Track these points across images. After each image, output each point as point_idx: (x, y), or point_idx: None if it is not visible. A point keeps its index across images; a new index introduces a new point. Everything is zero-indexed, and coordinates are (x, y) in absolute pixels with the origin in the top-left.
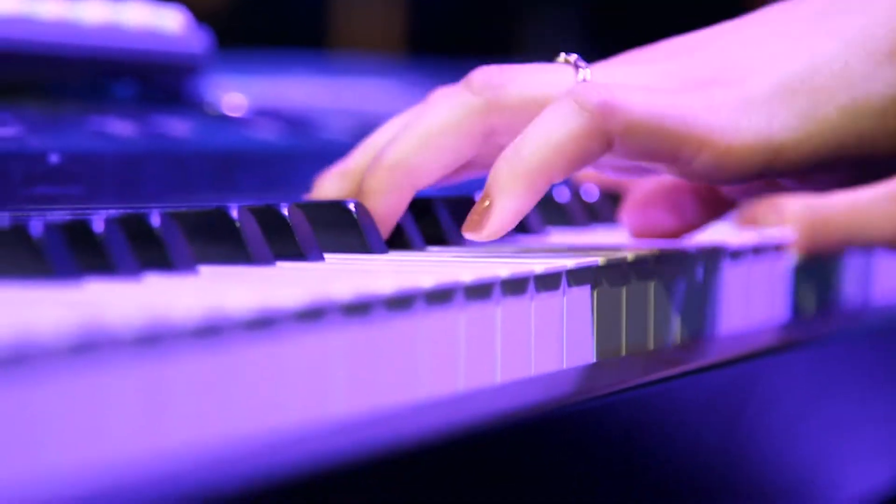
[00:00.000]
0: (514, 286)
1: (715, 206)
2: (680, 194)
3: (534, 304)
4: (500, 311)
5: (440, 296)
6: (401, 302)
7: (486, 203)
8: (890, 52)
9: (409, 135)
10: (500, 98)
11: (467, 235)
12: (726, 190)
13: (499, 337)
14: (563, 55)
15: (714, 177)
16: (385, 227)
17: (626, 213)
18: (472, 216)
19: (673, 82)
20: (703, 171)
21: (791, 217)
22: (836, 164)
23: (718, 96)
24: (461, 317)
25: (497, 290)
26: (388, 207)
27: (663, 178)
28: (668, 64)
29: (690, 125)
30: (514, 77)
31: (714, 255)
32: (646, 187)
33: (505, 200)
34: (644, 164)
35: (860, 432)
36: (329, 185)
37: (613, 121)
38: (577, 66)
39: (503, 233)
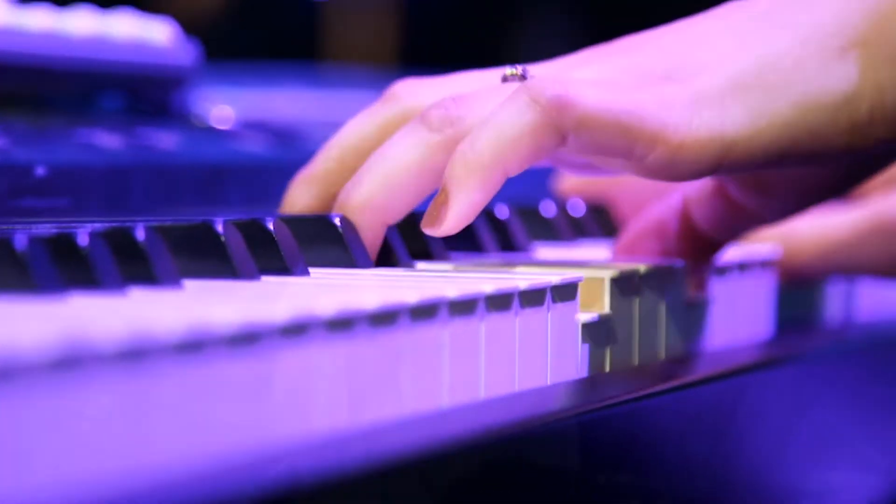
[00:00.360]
0: (499, 302)
1: (700, 248)
2: (666, 239)
3: (518, 321)
4: (484, 326)
5: (424, 311)
6: (385, 317)
7: (443, 198)
8: (841, 47)
9: (371, 177)
10: (460, 133)
11: (426, 231)
12: (709, 229)
13: (483, 353)
14: (508, 69)
15: (668, 173)
16: None
17: (616, 255)
18: (429, 211)
19: (626, 78)
20: (656, 167)
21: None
22: (788, 160)
23: (671, 92)
24: (445, 332)
25: (481, 306)
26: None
27: (650, 222)
28: (622, 60)
29: (644, 121)
30: (470, 107)
31: None
32: (634, 230)
33: (461, 195)
34: (599, 160)
35: (845, 447)
36: (298, 194)
37: (566, 115)
38: (524, 78)
39: (460, 227)
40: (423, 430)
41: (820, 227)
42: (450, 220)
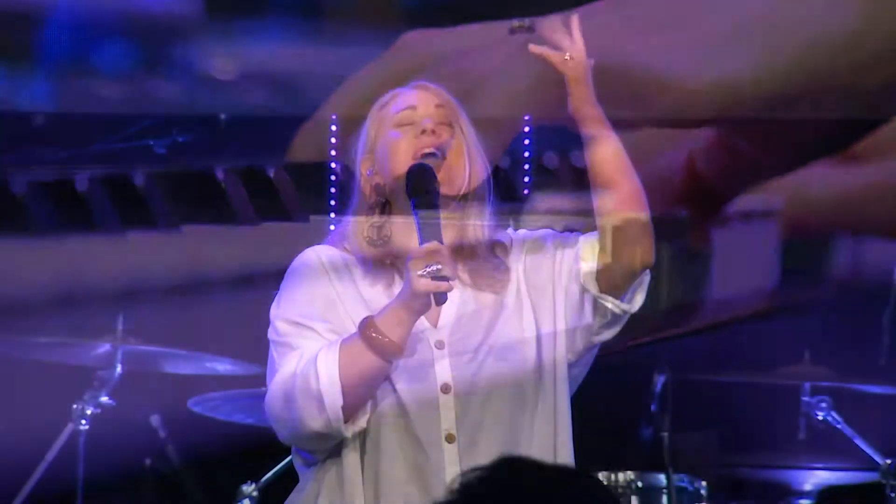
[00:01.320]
0: (498, 250)
1: (705, 200)
2: (671, 190)
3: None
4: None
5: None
6: (382, 263)
7: (455, 159)
8: None
9: (382, 143)
10: (468, 87)
11: (441, 192)
12: (714, 181)
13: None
14: (516, 21)
15: (677, 119)
16: None
17: (619, 205)
18: (443, 172)
19: (633, 27)
20: (665, 114)
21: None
22: (795, 101)
23: (678, 39)
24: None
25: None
26: None
27: (655, 174)
28: (629, 9)
29: (650, 68)
30: (477, 61)
31: None
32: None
33: (472, 153)
34: (608, 111)
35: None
36: (306, 141)
37: (573, 67)
38: (532, 30)
39: (474, 186)
40: None
41: (830, 183)
42: (463, 180)
